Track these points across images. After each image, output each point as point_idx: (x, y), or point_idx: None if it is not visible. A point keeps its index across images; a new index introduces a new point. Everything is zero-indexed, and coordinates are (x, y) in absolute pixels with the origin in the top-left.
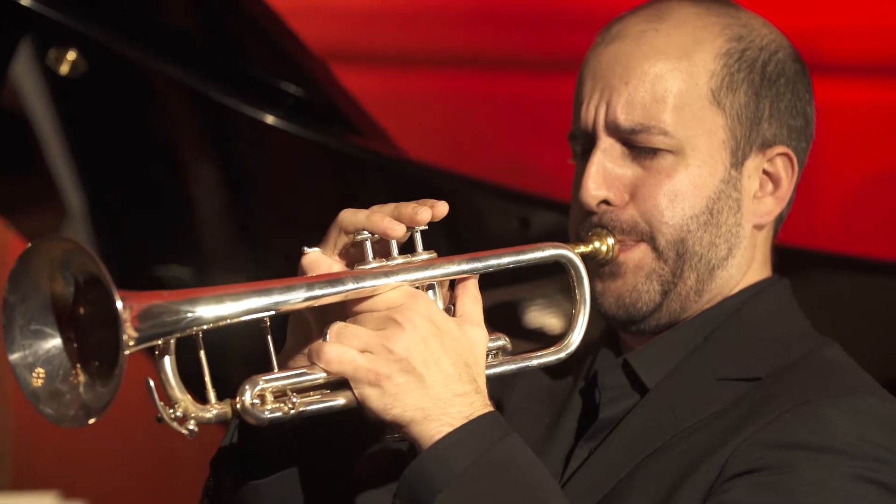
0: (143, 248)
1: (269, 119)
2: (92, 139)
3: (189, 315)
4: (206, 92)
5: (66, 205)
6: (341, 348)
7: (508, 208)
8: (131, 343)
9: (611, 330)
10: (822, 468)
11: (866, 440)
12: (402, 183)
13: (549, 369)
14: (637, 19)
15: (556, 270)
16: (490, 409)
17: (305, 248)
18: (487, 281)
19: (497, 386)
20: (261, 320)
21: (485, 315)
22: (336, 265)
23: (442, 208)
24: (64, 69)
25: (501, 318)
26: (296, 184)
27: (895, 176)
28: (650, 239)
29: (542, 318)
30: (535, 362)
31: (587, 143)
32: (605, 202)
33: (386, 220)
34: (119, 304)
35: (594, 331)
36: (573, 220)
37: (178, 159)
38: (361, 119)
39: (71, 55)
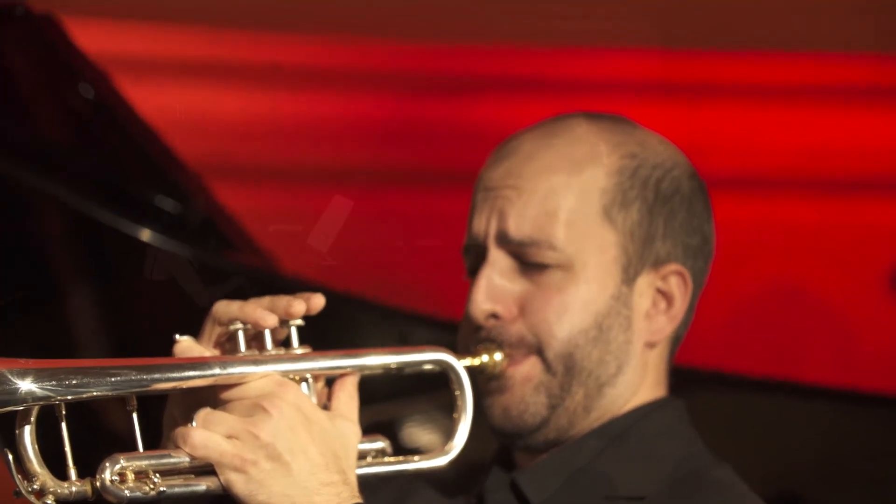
0: None
1: (145, 235)
2: None
3: (36, 386)
4: (80, 207)
5: None
6: (207, 433)
7: (386, 324)
8: None
9: (504, 448)
10: None
11: None
12: None
13: (445, 488)
14: (531, 136)
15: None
16: (358, 499)
17: (177, 336)
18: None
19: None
20: (126, 401)
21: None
22: (208, 354)
23: (317, 301)
24: None
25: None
26: (173, 299)
27: (777, 292)
28: (539, 351)
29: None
30: (412, 466)
31: (478, 257)
32: (494, 316)
33: (258, 310)
34: None
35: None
36: (462, 334)
37: (54, 274)
38: (236, 234)
39: None
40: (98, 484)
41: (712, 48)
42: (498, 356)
